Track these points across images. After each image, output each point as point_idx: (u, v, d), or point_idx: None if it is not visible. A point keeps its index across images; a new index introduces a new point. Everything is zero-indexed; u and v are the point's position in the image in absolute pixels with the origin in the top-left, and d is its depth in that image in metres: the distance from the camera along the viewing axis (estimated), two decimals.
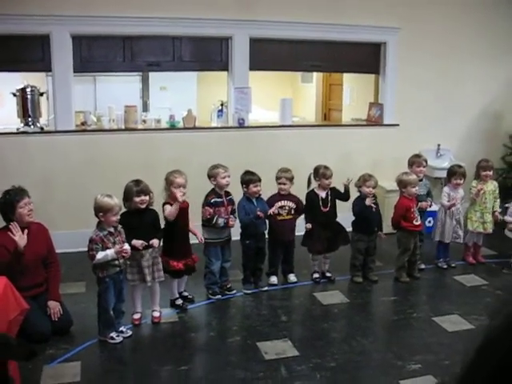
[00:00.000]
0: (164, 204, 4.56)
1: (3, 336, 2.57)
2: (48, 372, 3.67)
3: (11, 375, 3.17)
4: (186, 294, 4.87)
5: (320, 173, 5.24)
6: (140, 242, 4.21)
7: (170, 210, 4.47)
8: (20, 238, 3.89)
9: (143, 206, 4.34)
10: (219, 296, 4.95)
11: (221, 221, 4.83)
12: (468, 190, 5.83)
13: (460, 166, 5.79)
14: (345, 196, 5.29)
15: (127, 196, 4.33)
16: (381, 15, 6.69)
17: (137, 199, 4.29)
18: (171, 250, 4.60)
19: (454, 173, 5.68)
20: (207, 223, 4.83)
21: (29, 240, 3.96)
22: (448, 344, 4.12)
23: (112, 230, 4.09)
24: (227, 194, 4.96)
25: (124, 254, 4.03)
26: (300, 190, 5.31)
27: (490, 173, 5.80)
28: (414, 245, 5.37)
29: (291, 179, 5.18)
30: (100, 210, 4.03)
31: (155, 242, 4.37)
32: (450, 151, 7.17)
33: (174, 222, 4.52)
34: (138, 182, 4.34)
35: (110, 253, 3.98)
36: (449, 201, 5.60)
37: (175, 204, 4.44)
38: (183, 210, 4.58)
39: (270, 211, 5.02)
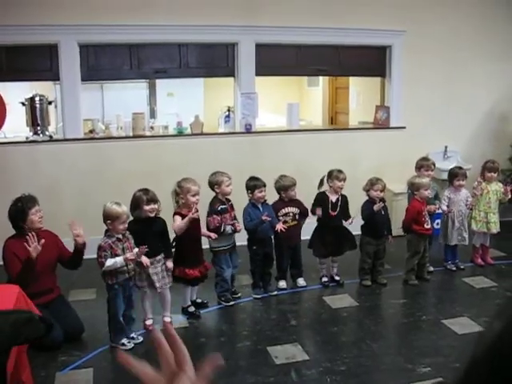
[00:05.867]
0: (175, 214, 4.55)
1: (28, 311, 2.58)
2: (60, 379, 3.71)
3: (25, 381, 3.21)
4: (199, 300, 4.89)
5: (333, 175, 5.26)
6: (148, 261, 4.24)
7: (179, 225, 4.45)
8: (34, 248, 3.91)
9: (153, 215, 4.37)
10: (232, 302, 4.96)
11: (228, 228, 4.84)
12: (471, 189, 5.81)
13: (461, 168, 5.80)
14: (347, 217, 5.31)
15: (136, 204, 4.34)
16: (386, 18, 6.69)
17: (147, 207, 4.32)
18: (185, 259, 4.60)
19: (456, 174, 5.67)
20: (215, 232, 4.79)
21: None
22: (458, 346, 4.12)
23: (120, 236, 4.13)
24: (227, 199, 4.98)
25: (131, 259, 4.06)
26: (308, 194, 5.32)
27: (495, 174, 5.81)
28: (423, 248, 5.38)
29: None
30: (108, 217, 4.08)
31: (170, 264, 4.46)
32: (458, 153, 7.17)
33: (187, 231, 4.50)
34: (146, 191, 4.36)
35: (118, 260, 4.02)
36: (448, 205, 5.63)
37: (186, 219, 4.41)
38: (195, 218, 4.57)
39: (278, 228, 5.00)
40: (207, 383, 0.82)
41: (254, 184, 5.01)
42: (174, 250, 4.61)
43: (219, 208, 4.83)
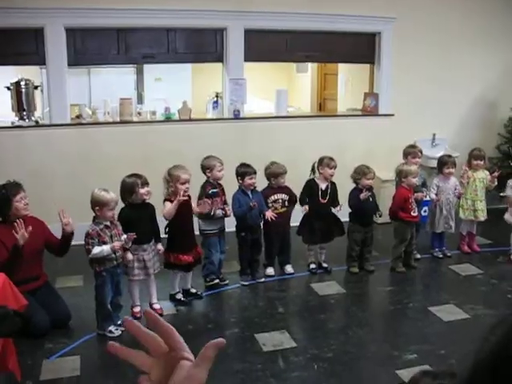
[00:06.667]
0: (165, 200, 4.54)
1: (2, 307, 2.55)
2: (47, 366, 3.69)
3: (11, 369, 3.20)
4: (193, 290, 4.84)
5: (324, 162, 5.25)
6: (131, 257, 4.25)
7: (169, 209, 4.44)
8: (22, 236, 3.87)
9: (148, 197, 4.36)
10: (217, 280, 4.97)
11: (219, 211, 4.87)
12: (459, 177, 5.83)
13: (450, 156, 5.82)
14: (336, 204, 5.32)
15: (131, 189, 4.30)
16: (375, 5, 6.66)
17: (142, 191, 4.30)
18: (178, 245, 4.59)
19: (445, 162, 5.70)
20: (205, 215, 4.82)
21: None
22: (444, 333, 4.17)
23: (108, 223, 4.11)
24: (219, 183, 4.99)
25: (118, 247, 4.05)
26: (296, 181, 5.32)
27: (482, 162, 5.84)
28: (410, 235, 5.40)
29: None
30: (96, 204, 4.05)
31: (160, 247, 4.48)
32: (446, 140, 7.19)
33: (179, 216, 4.49)
34: (138, 175, 4.35)
35: (105, 248, 4.00)
36: (437, 194, 5.65)
37: (175, 203, 4.41)
38: (186, 204, 4.55)
39: (268, 216, 5.01)
40: (209, 365, 0.78)
41: (244, 171, 5.00)
42: (167, 236, 4.60)
43: (210, 191, 4.86)
